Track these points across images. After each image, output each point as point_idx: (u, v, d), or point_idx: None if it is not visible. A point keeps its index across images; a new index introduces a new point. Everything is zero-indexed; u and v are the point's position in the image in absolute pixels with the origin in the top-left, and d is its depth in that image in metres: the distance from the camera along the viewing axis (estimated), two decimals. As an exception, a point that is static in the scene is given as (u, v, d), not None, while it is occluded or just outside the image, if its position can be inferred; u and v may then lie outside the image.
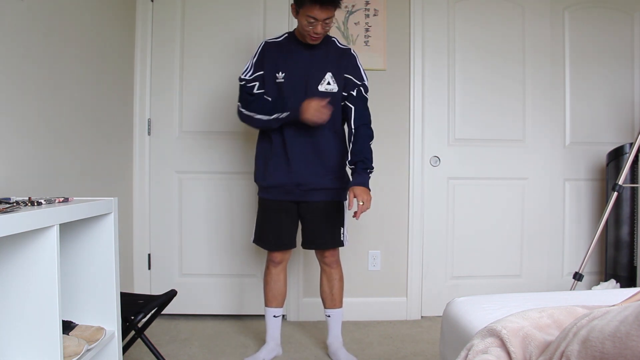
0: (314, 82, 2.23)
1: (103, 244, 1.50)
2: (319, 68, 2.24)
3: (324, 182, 2.26)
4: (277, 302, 2.39)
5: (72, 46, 2.08)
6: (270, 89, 2.26)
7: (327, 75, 2.24)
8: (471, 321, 1.38)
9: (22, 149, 1.71)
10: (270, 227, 2.34)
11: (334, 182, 2.29)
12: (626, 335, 0.77)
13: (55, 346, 1.18)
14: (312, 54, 2.25)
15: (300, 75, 2.23)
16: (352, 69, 2.28)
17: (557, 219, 3.10)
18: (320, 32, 2.15)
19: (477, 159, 3.04)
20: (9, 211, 1.09)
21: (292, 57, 2.26)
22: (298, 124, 2.19)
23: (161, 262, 2.95)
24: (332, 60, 2.26)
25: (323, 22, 2.12)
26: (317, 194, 2.27)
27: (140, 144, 2.91)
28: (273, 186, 2.29)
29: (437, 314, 2.81)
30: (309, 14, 2.10)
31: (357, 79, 2.27)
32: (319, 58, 2.25)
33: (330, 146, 2.27)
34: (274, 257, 2.37)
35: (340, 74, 2.25)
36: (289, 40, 2.30)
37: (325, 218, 2.31)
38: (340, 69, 2.26)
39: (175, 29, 2.92)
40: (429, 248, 3.01)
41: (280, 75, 2.24)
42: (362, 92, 2.28)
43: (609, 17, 3.09)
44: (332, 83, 2.24)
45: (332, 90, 2.24)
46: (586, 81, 3.09)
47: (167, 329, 2.75)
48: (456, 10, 3.01)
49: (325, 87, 2.23)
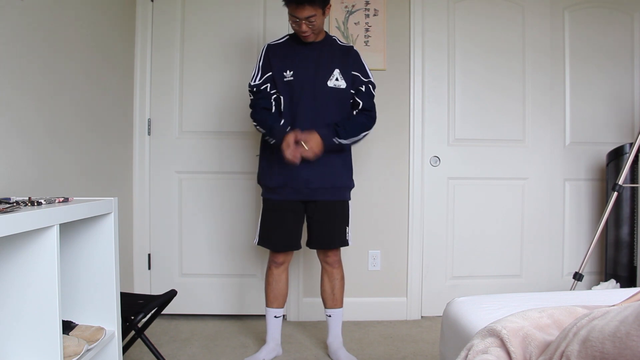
0: (323, 78, 2.24)
1: (103, 244, 1.50)
2: (326, 65, 2.25)
3: (331, 180, 2.27)
4: (278, 303, 2.39)
5: (72, 46, 2.07)
6: (281, 89, 2.25)
7: (335, 71, 2.25)
8: (471, 321, 1.38)
9: (22, 149, 1.71)
10: (276, 228, 2.31)
11: (340, 181, 2.30)
12: (626, 335, 0.77)
13: (55, 346, 1.18)
14: (319, 51, 2.27)
15: (309, 73, 2.24)
16: (358, 66, 2.30)
17: (557, 219, 3.10)
18: (305, 30, 2.16)
19: (477, 159, 3.04)
20: (9, 211, 1.09)
21: (299, 56, 2.26)
22: (305, 121, 2.19)
23: (161, 262, 2.95)
24: (338, 57, 2.28)
25: (306, 20, 2.13)
26: (325, 192, 2.28)
27: (140, 144, 2.91)
28: (280, 186, 2.27)
29: (437, 314, 2.82)
30: (291, 13, 2.15)
31: (364, 76, 2.29)
32: (326, 55, 2.27)
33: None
34: (277, 258, 2.35)
35: (348, 71, 2.27)
36: (292, 40, 2.32)
37: (333, 217, 2.32)
38: (347, 66, 2.27)
39: (175, 29, 2.92)
40: (429, 248, 3.01)
41: (289, 73, 2.24)
42: (371, 89, 2.31)
43: (609, 17, 3.10)
44: (340, 79, 2.25)
45: (341, 87, 2.26)
46: (586, 81, 3.09)
47: (167, 329, 2.75)
48: (456, 10, 3.02)
49: (334, 83, 2.25)
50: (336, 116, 2.24)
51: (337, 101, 2.26)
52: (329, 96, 2.24)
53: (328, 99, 2.24)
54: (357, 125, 2.26)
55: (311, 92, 2.22)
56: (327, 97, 2.24)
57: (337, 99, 2.26)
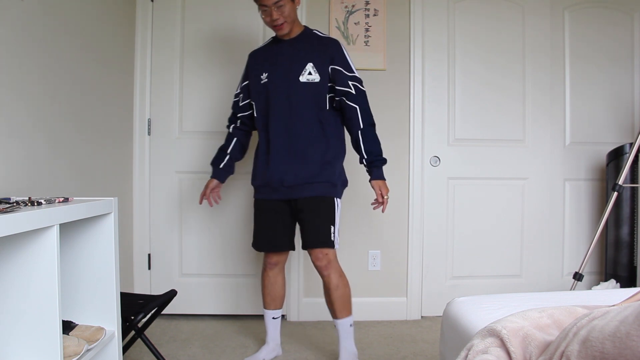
0: (295, 74, 2.18)
1: (103, 244, 1.50)
2: (299, 60, 2.19)
3: (306, 177, 2.17)
4: (275, 305, 2.37)
5: (72, 46, 2.07)
6: (257, 93, 2.27)
7: (307, 65, 2.18)
8: (471, 321, 1.38)
9: (22, 149, 1.71)
10: (261, 228, 2.31)
11: (319, 177, 2.18)
12: (626, 335, 0.77)
13: (55, 346, 1.18)
14: (293, 47, 2.22)
15: (283, 71, 2.20)
16: (339, 59, 2.19)
17: (557, 219, 3.10)
18: (276, 17, 2.12)
19: (477, 159, 3.04)
20: (9, 211, 1.09)
21: (275, 56, 2.25)
22: (279, 120, 2.20)
23: (161, 262, 2.95)
24: (313, 50, 2.20)
25: (274, 6, 2.10)
26: (302, 190, 2.18)
27: (140, 144, 2.91)
28: (261, 185, 2.28)
29: (437, 314, 2.82)
30: (259, 3, 2.14)
31: (347, 70, 2.19)
32: (299, 50, 2.21)
33: (313, 138, 2.19)
34: (269, 258, 2.33)
35: (325, 64, 2.18)
36: (272, 42, 2.32)
37: (313, 215, 2.19)
38: (325, 58, 2.18)
39: (175, 29, 2.92)
40: (429, 248, 3.01)
41: (264, 76, 2.24)
42: (360, 87, 2.20)
43: (609, 17, 3.10)
44: (314, 73, 2.17)
45: (314, 81, 2.17)
46: (586, 81, 3.09)
47: (167, 329, 2.75)
48: (456, 10, 3.02)
49: (306, 78, 2.17)
50: (311, 112, 2.18)
51: (312, 97, 2.18)
52: (302, 92, 2.17)
53: (302, 95, 2.17)
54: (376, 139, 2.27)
55: (284, 91, 2.18)
56: (301, 94, 2.17)
57: (312, 94, 2.18)
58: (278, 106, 2.20)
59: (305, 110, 2.18)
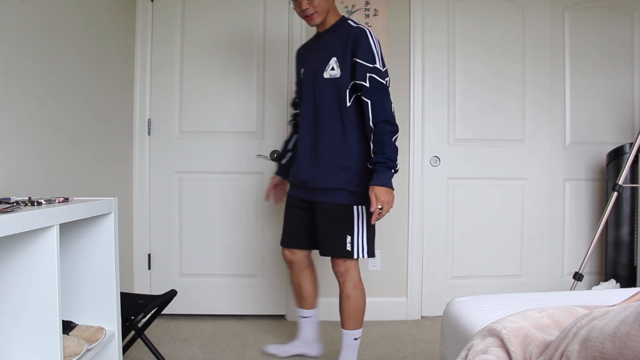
0: (320, 70, 2.10)
1: (103, 244, 1.50)
2: (325, 55, 2.10)
3: (323, 182, 2.08)
4: (301, 304, 2.34)
5: (72, 46, 2.07)
6: (298, 90, 2.33)
7: (331, 60, 2.07)
8: (471, 321, 1.38)
9: (22, 149, 1.71)
10: (285, 221, 2.32)
11: (335, 183, 2.07)
12: (626, 335, 0.77)
13: (55, 346, 1.18)
14: (323, 41, 2.14)
15: (312, 67, 2.15)
16: (362, 50, 2.00)
17: (557, 219, 3.10)
18: (305, 8, 2.05)
19: (477, 159, 3.04)
20: (9, 211, 1.09)
21: (309, 51, 2.24)
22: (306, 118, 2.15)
23: (161, 262, 2.95)
24: (338, 43, 2.06)
25: None
26: (322, 195, 2.10)
27: (140, 144, 2.91)
28: (292, 182, 2.29)
29: (437, 314, 2.81)
30: None
31: (369, 62, 1.98)
32: (326, 44, 2.11)
33: (334, 139, 2.07)
34: (284, 254, 2.32)
35: (347, 57, 2.03)
36: (314, 37, 2.28)
37: (329, 222, 2.09)
38: (347, 51, 2.02)
39: (175, 29, 2.92)
40: (429, 248, 3.01)
41: (302, 72, 2.26)
42: (377, 79, 1.99)
43: (609, 17, 3.09)
44: (336, 68, 2.05)
45: (335, 76, 2.05)
46: (586, 81, 3.09)
47: (167, 329, 2.75)
48: (456, 10, 3.01)
49: (329, 74, 2.07)
50: (334, 110, 2.07)
51: (334, 94, 2.06)
52: (325, 89, 2.08)
53: (325, 92, 2.08)
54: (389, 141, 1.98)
55: (311, 87, 2.13)
56: (324, 91, 2.08)
57: (335, 91, 2.06)
58: (306, 104, 2.17)
59: (327, 109, 2.08)
